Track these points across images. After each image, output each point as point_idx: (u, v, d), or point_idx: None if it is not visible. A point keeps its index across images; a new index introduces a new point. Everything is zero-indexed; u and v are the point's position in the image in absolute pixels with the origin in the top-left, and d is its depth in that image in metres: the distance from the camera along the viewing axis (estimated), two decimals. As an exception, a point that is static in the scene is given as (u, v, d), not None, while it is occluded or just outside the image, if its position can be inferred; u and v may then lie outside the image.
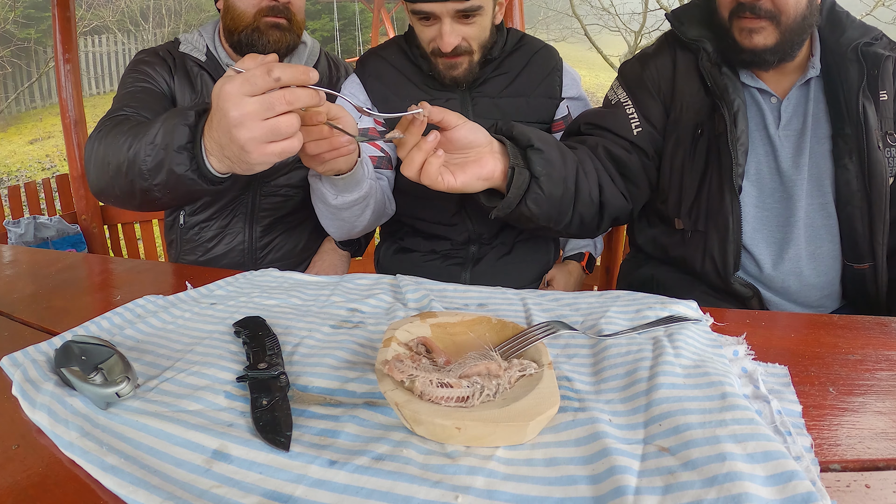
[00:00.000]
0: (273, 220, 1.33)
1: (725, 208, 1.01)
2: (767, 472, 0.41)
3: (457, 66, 1.16)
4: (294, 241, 1.37)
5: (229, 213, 1.32)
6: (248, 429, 0.51)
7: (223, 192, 1.03)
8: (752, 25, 0.95)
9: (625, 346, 0.62)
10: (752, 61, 0.98)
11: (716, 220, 1.02)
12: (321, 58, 1.39)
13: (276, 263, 1.34)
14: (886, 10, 7.73)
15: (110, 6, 10.62)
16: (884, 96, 0.96)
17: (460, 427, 0.47)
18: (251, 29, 1.19)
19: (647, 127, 1.07)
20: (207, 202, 1.31)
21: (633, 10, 9.67)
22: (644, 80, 1.09)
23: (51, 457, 0.50)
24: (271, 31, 1.19)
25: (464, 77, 1.18)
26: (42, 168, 7.92)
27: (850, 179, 0.97)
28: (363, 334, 0.70)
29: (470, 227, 1.25)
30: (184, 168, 0.79)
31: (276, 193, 1.32)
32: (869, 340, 0.67)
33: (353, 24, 12.62)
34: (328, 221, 1.10)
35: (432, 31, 1.13)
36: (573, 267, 1.31)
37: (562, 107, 1.28)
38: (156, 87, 1.21)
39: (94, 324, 0.75)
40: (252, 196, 1.31)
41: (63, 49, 2.07)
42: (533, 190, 0.87)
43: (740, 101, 0.99)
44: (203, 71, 1.26)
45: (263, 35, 1.19)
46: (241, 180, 1.26)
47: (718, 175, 1.01)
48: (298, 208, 1.35)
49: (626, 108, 1.09)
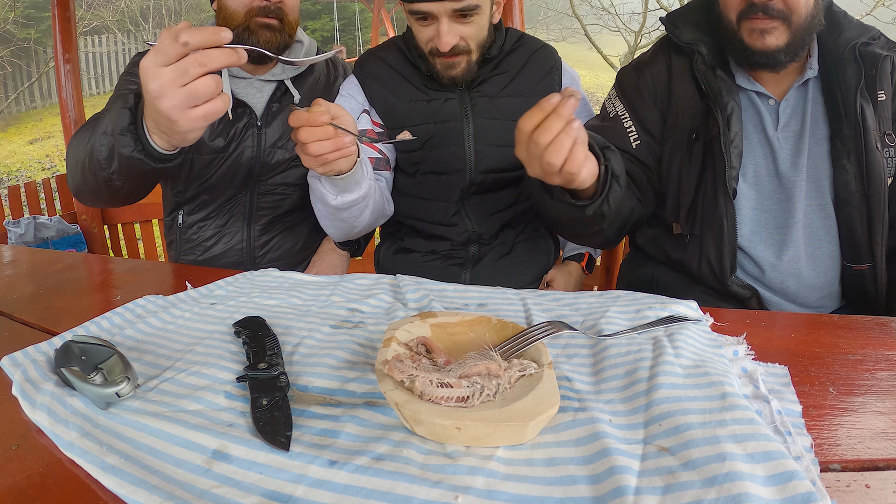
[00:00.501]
0: (271, 218, 1.33)
1: (720, 211, 1.01)
2: (767, 472, 0.41)
3: (455, 66, 1.16)
4: (293, 240, 1.37)
5: (227, 212, 1.32)
6: (248, 429, 0.51)
7: (174, 169, 1.07)
8: (764, 26, 0.94)
9: (625, 346, 0.62)
10: (763, 63, 0.97)
11: (711, 223, 1.02)
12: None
13: (274, 263, 1.34)
14: (886, 10, 7.73)
15: (110, 6, 10.62)
16: (882, 96, 0.96)
17: (460, 427, 0.47)
18: (242, 28, 1.19)
19: (645, 138, 1.08)
20: (205, 201, 1.31)
21: (633, 10, 9.68)
22: (640, 90, 1.09)
23: (51, 457, 0.50)
24: (262, 30, 1.20)
25: (462, 77, 1.18)
26: (42, 168, 7.92)
27: (849, 180, 0.97)
28: (363, 334, 0.70)
29: (470, 228, 1.25)
30: (129, 149, 0.81)
31: (273, 192, 1.32)
32: (869, 340, 0.67)
33: (353, 24, 12.60)
34: (328, 222, 1.10)
35: (430, 31, 1.13)
36: (573, 268, 1.31)
37: None
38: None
39: (94, 324, 0.75)
40: (249, 195, 1.31)
41: (63, 49, 2.07)
42: (613, 188, 0.88)
43: (734, 103, 0.99)
44: None
45: (254, 34, 1.19)
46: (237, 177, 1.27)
47: (713, 178, 1.01)
48: (296, 207, 1.35)
49: (624, 121, 1.09)
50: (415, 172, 1.26)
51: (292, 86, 1.30)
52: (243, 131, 1.27)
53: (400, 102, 1.23)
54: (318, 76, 1.36)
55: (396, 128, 1.24)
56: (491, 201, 1.27)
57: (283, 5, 1.21)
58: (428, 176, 1.25)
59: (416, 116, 1.23)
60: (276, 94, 1.30)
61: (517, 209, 1.30)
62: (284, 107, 1.30)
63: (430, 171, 1.25)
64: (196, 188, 1.30)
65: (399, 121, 1.23)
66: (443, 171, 1.24)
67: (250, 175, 1.29)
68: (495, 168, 1.24)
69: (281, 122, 1.29)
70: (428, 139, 1.23)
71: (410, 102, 1.23)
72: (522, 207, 1.31)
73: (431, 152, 1.24)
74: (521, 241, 1.31)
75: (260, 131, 1.28)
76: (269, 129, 1.28)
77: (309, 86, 1.34)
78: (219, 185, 1.29)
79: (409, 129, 1.23)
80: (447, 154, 1.23)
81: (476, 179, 1.24)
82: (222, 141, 1.26)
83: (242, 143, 1.27)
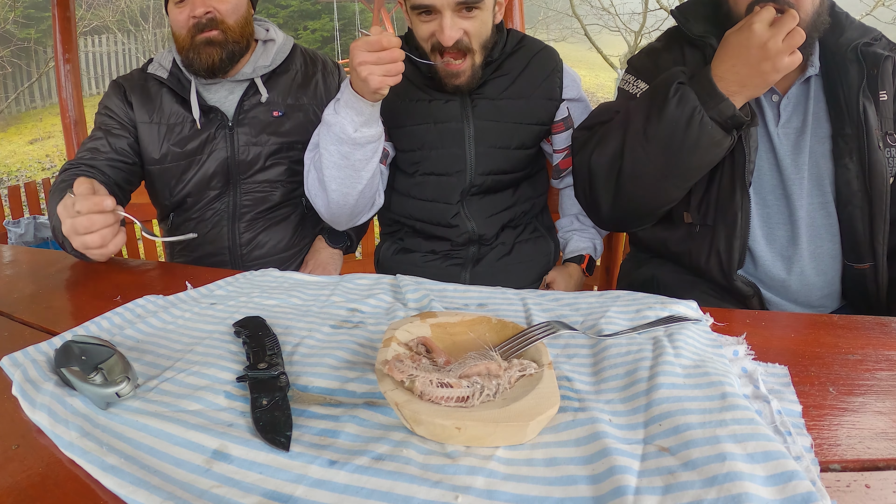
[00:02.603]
0: (254, 215, 1.34)
1: (735, 203, 1.00)
2: (767, 472, 0.41)
3: (459, 75, 1.16)
4: (277, 237, 1.38)
5: (211, 212, 1.34)
6: (248, 429, 0.51)
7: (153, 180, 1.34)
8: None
9: (625, 346, 0.62)
10: None
11: (725, 215, 1.02)
12: (295, 53, 1.40)
13: (261, 261, 1.35)
14: (887, 10, 7.73)
15: (110, 6, 10.61)
16: (883, 96, 0.96)
17: (460, 427, 0.47)
18: (188, 49, 1.24)
19: None
20: (189, 204, 1.34)
21: (633, 10, 9.68)
22: (660, 74, 1.06)
23: (51, 457, 0.50)
24: (204, 48, 1.24)
25: (466, 85, 1.18)
26: (42, 168, 7.92)
27: (851, 179, 0.97)
28: (363, 334, 0.70)
29: (470, 229, 1.25)
30: (70, 249, 1.02)
31: (255, 190, 1.33)
32: (869, 340, 0.67)
33: (353, 24, 12.60)
34: (334, 171, 1.10)
35: (432, 26, 1.13)
36: (573, 269, 1.31)
37: (562, 108, 1.28)
38: (113, 118, 1.31)
39: (94, 324, 0.75)
40: (232, 194, 1.33)
41: (63, 49, 2.07)
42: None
43: None
44: (164, 87, 1.31)
45: (197, 54, 1.24)
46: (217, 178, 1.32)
47: (731, 170, 1.01)
48: (279, 203, 1.36)
49: None
50: (414, 173, 1.26)
51: (262, 84, 1.31)
52: (215, 134, 1.29)
53: (400, 101, 1.23)
54: (293, 73, 1.37)
55: (397, 126, 1.24)
56: (491, 202, 1.27)
57: (217, 13, 1.23)
58: (428, 177, 1.25)
59: (417, 116, 1.23)
60: (247, 93, 1.31)
61: (517, 210, 1.30)
62: (255, 105, 1.31)
63: (429, 172, 1.25)
64: (177, 195, 1.33)
65: (400, 119, 1.23)
66: (443, 172, 1.24)
67: (229, 175, 1.31)
68: (495, 170, 1.24)
69: (253, 120, 1.31)
70: (428, 140, 1.23)
71: (411, 102, 1.23)
72: (522, 208, 1.31)
73: (431, 153, 1.24)
74: (522, 241, 1.31)
75: (232, 131, 1.29)
76: (241, 128, 1.30)
77: (283, 84, 1.34)
78: (198, 189, 1.32)
79: (409, 127, 1.23)
80: (447, 155, 1.23)
81: (476, 181, 1.24)
82: (194, 145, 1.29)
83: (215, 145, 1.29)
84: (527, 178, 1.32)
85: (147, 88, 1.31)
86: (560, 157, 1.32)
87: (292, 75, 1.36)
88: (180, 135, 1.29)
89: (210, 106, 1.29)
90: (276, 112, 1.32)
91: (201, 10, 1.21)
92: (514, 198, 1.29)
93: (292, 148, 1.33)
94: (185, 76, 1.30)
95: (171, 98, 1.30)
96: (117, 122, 1.30)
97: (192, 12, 1.22)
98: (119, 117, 1.30)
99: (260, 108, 1.31)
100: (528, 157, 1.28)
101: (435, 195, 1.26)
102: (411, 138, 1.24)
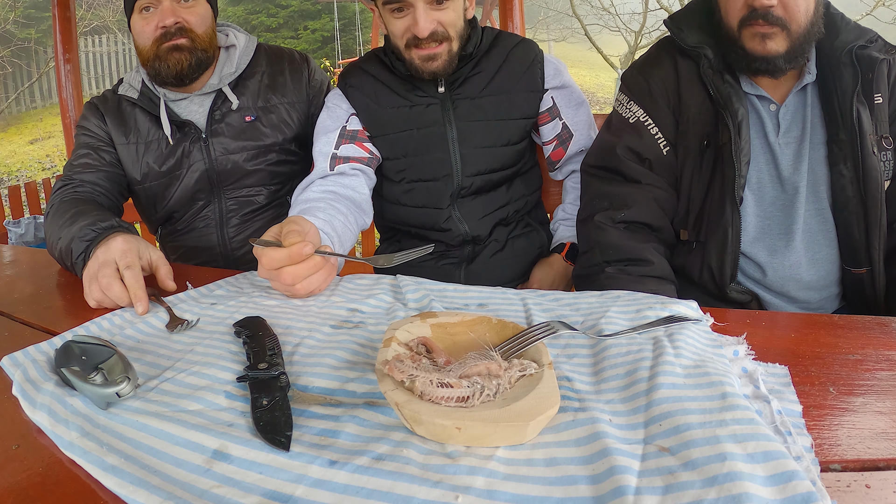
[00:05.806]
0: (241, 218, 1.35)
1: (725, 219, 1.00)
2: (768, 472, 0.41)
3: (435, 58, 1.14)
4: None
5: (200, 218, 1.34)
6: (248, 429, 0.51)
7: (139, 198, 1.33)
8: (765, 31, 0.93)
9: (625, 346, 0.62)
10: (764, 69, 0.96)
11: (715, 231, 1.02)
12: (259, 53, 1.38)
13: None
14: (887, 10, 7.73)
15: (110, 6, 10.61)
16: (879, 99, 0.96)
17: (460, 427, 0.47)
18: (153, 59, 1.23)
19: (671, 143, 1.06)
20: (176, 216, 1.35)
21: (633, 10, 9.69)
22: (654, 95, 1.07)
23: (51, 457, 0.50)
24: (171, 55, 1.23)
25: (443, 70, 1.16)
26: (42, 168, 7.92)
27: (846, 185, 0.97)
28: (363, 334, 0.70)
29: (463, 231, 1.25)
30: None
31: (239, 196, 1.34)
32: (869, 340, 0.67)
33: (354, 24, 12.61)
34: None
35: (406, 21, 1.12)
36: (554, 259, 1.30)
37: (546, 98, 1.27)
38: (95, 138, 1.31)
39: (94, 324, 0.75)
40: (218, 202, 1.33)
41: (63, 49, 2.07)
42: None
43: (744, 110, 0.98)
44: (136, 107, 1.31)
45: (164, 61, 1.23)
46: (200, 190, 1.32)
47: (721, 186, 1.00)
48: (265, 205, 1.36)
49: (649, 127, 1.07)
50: (400, 180, 1.26)
51: (231, 92, 1.30)
52: (190, 147, 1.29)
53: (382, 110, 1.23)
54: (260, 75, 1.35)
55: (380, 135, 1.24)
56: (483, 202, 1.27)
57: (185, 23, 1.23)
58: (415, 184, 1.25)
59: (399, 123, 1.23)
60: (216, 102, 1.31)
61: (509, 208, 1.29)
62: (227, 114, 1.31)
63: (416, 179, 1.25)
64: (163, 210, 1.33)
65: (382, 128, 1.24)
66: (429, 177, 1.24)
67: (211, 185, 1.32)
68: (484, 169, 1.24)
69: (227, 128, 1.30)
70: (411, 146, 1.23)
71: (392, 109, 1.23)
72: (516, 206, 1.31)
73: (416, 159, 1.24)
74: (515, 236, 1.31)
75: (207, 143, 1.29)
76: (215, 138, 1.29)
77: (252, 88, 1.34)
78: (182, 204, 1.32)
79: (392, 135, 1.23)
80: (432, 160, 1.23)
81: (464, 183, 1.24)
82: (171, 162, 1.29)
83: (192, 159, 1.29)
84: (520, 175, 1.31)
85: (121, 111, 1.31)
86: (551, 149, 1.32)
87: (259, 77, 1.35)
88: (157, 152, 1.29)
89: (183, 120, 1.28)
90: (249, 117, 1.31)
91: (171, 20, 1.21)
92: (507, 196, 1.29)
93: (270, 150, 1.33)
94: (155, 93, 1.29)
95: (145, 117, 1.30)
96: (100, 140, 1.30)
97: (160, 22, 1.21)
98: (100, 136, 1.31)
99: (232, 116, 1.30)
100: (517, 152, 1.27)
101: (424, 201, 1.25)
102: (394, 146, 1.24)
